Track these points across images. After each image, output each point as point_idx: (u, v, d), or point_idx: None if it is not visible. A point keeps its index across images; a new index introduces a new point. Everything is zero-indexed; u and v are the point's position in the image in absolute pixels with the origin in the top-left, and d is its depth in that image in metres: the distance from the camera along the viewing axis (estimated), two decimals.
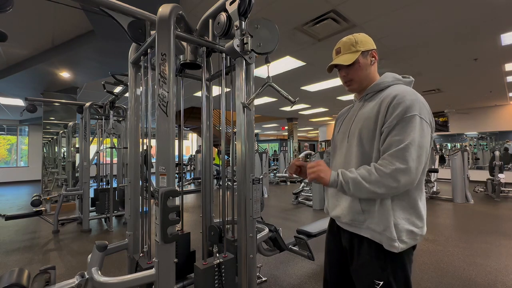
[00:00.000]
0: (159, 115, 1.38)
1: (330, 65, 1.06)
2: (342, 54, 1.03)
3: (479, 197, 6.03)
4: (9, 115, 9.42)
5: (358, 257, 0.97)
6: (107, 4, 1.54)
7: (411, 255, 0.95)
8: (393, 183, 0.83)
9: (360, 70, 1.02)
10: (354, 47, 1.02)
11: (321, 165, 0.93)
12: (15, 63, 4.54)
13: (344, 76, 1.05)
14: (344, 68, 1.04)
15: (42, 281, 1.35)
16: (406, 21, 3.23)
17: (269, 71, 1.35)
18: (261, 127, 16.85)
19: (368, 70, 1.03)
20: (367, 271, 0.94)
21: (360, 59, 1.01)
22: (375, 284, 0.91)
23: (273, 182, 9.13)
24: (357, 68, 1.02)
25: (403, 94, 0.90)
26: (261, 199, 1.62)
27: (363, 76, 1.03)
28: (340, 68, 1.06)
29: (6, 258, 2.90)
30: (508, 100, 8.25)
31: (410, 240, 0.90)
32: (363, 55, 1.02)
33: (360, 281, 0.97)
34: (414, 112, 0.86)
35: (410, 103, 0.87)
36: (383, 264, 0.91)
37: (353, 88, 1.07)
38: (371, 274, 0.93)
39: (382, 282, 0.90)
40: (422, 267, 2.53)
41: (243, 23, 1.30)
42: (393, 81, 1.00)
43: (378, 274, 0.91)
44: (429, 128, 0.88)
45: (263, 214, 1.82)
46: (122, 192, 4.35)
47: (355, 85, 1.05)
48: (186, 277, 1.92)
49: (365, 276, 0.94)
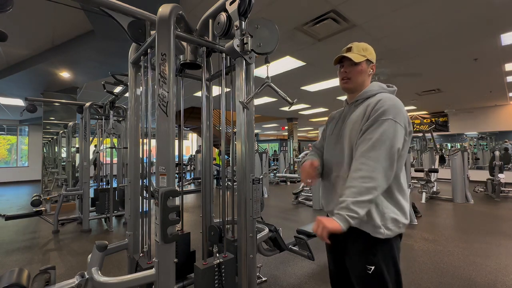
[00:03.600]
0: (159, 115, 1.38)
1: (340, 56, 1.14)
2: (352, 52, 1.12)
3: (479, 197, 6.03)
4: (9, 115, 9.42)
5: (352, 246, 1.07)
6: (107, 4, 1.54)
7: (398, 243, 1.07)
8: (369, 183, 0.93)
9: (360, 73, 1.13)
10: (364, 52, 1.13)
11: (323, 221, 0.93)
12: (15, 63, 4.54)
13: (345, 73, 1.14)
14: (347, 66, 1.13)
15: (42, 281, 1.35)
16: (406, 21, 3.23)
17: (268, 71, 1.35)
18: (261, 127, 16.84)
19: (365, 77, 1.14)
20: (359, 258, 1.04)
21: (364, 64, 1.13)
22: (367, 269, 1.00)
23: (273, 182, 9.13)
24: (359, 70, 1.12)
25: (384, 100, 1.02)
26: (261, 199, 1.62)
27: (360, 80, 1.13)
28: (344, 65, 1.15)
29: (6, 258, 2.90)
30: (508, 100, 8.25)
31: (395, 227, 1.01)
32: (367, 62, 1.14)
33: (354, 268, 1.07)
34: (389, 116, 0.98)
35: (388, 107, 1.00)
36: (373, 250, 1.01)
37: (347, 87, 1.15)
38: (363, 260, 1.02)
39: (373, 267, 1.00)
40: (422, 267, 2.53)
41: (243, 23, 1.30)
42: (379, 90, 1.11)
43: (370, 259, 1.01)
44: (403, 131, 0.99)
45: (263, 214, 1.82)
46: (122, 192, 4.35)
47: (351, 85, 1.14)
48: (186, 277, 1.92)
49: (357, 263, 1.04)
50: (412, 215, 4.03)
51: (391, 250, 1.03)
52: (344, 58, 1.13)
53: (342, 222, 0.91)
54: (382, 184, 0.94)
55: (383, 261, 1.01)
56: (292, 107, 8.83)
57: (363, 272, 1.02)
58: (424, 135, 9.33)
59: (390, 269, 1.02)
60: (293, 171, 10.39)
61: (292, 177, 8.74)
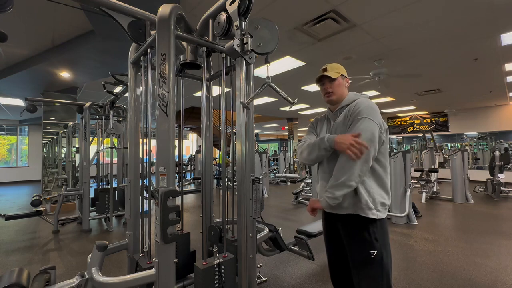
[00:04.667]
0: (159, 115, 1.38)
1: (320, 76, 1.38)
2: (328, 72, 1.36)
3: (479, 197, 6.03)
4: (9, 115, 9.42)
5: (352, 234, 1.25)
6: (107, 4, 1.54)
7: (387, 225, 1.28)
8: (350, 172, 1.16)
9: (339, 86, 1.36)
10: (337, 70, 1.37)
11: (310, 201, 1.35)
12: (15, 63, 4.54)
13: (327, 88, 1.37)
14: (327, 82, 1.37)
15: (42, 281, 1.35)
16: (406, 21, 3.22)
17: (268, 71, 1.36)
18: (261, 127, 16.84)
19: (343, 89, 1.38)
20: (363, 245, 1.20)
21: (340, 79, 1.37)
22: (370, 254, 1.18)
23: (273, 182, 9.13)
24: (337, 84, 1.36)
25: (359, 104, 1.26)
26: (261, 199, 1.62)
27: (340, 91, 1.37)
28: (324, 82, 1.38)
29: (6, 258, 2.90)
30: (508, 100, 8.25)
31: (383, 209, 1.23)
32: (342, 77, 1.38)
33: (356, 254, 1.23)
34: (363, 115, 1.20)
35: (362, 108, 1.22)
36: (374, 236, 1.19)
37: (331, 99, 1.37)
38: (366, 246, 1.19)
39: (375, 251, 1.18)
40: (422, 267, 2.52)
41: (243, 23, 1.30)
42: (355, 97, 1.34)
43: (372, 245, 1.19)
44: (377, 126, 1.20)
45: (263, 214, 1.82)
46: (122, 192, 4.35)
47: (334, 97, 1.36)
48: (186, 277, 1.92)
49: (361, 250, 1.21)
50: (412, 215, 4.03)
51: (386, 235, 1.24)
52: (323, 77, 1.37)
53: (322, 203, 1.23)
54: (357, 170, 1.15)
55: (383, 245, 1.20)
56: (292, 107, 8.84)
57: (367, 257, 1.18)
58: (424, 135, 9.33)
59: (388, 252, 1.22)
60: (293, 171, 10.39)
61: (292, 177, 8.73)
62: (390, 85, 5.77)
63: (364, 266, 1.19)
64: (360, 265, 1.21)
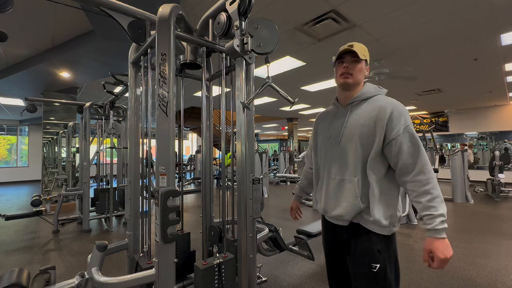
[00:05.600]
0: (159, 115, 1.38)
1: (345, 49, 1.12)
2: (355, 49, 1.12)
3: (479, 197, 6.03)
4: (9, 115, 9.42)
5: (356, 246, 1.10)
6: (107, 4, 1.54)
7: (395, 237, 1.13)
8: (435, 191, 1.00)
9: (360, 71, 1.15)
10: (364, 52, 1.15)
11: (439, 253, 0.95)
12: (15, 63, 4.54)
13: (347, 68, 1.14)
14: (349, 62, 1.14)
15: (42, 281, 1.35)
16: (406, 21, 3.22)
17: (268, 71, 1.35)
18: (261, 127, 16.84)
19: (362, 76, 1.16)
20: (364, 257, 1.07)
21: (363, 63, 1.16)
22: (372, 267, 1.04)
23: (273, 182, 9.13)
24: (360, 67, 1.14)
25: (397, 106, 1.06)
26: (261, 199, 1.62)
27: (359, 78, 1.15)
28: (345, 61, 1.15)
29: (6, 258, 2.90)
30: (508, 100, 8.25)
31: (398, 224, 1.10)
32: (365, 62, 1.17)
33: (358, 267, 1.09)
34: (408, 122, 1.04)
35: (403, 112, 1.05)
36: (378, 247, 1.05)
37: (346, 82, 1.14)
38: (368, 259, 1.06)
39: (378, 265, 1.04)
40: (422, 267, 2.52)
41: (243, 23, 1.30)
42: (376, 92, 1.15)
43: (375, 258, 1.05)
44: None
45: (263, 214, 1.82)
46: (122, 192, 4.35)
47: (351, 80, 1.14)
48: (186, 277, 1.92)
49: (362, 262, 1.07)
50: (412, 215, 4.03)
51: (393, 245, 1.09)
52: (347, 53, 1.12)
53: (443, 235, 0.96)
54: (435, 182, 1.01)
55: (388, 258, 1.06)
56: (292, 107, 8.83)
57: (368, 271, 1.05)
58: (424, 135, 9.32)
59: (392, 265, 1.07)
60: (293, 171, 10.39)
61: (292, 177, 8.73)
62: (396, 77, 5.73)
63: (364, 280, 1.06)
64: (359, 279, 1.08)
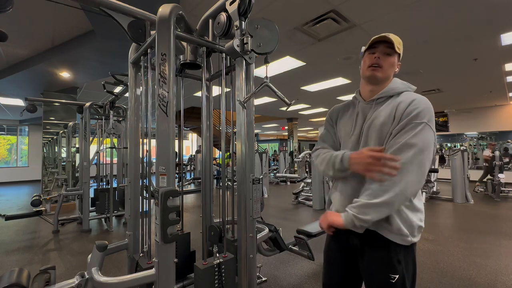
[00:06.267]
0: (159, 115, 1.38)
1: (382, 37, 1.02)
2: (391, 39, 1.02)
3: (479, 197, 6.02)
4: (9, 115, 9.42)
5: (373, 255, 0.99)
6: (107, 4, 1.54)
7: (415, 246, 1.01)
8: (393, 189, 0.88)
9: (392, 66, 1.05)
10: (399, 45, 1.05)
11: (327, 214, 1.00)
12: (15, 63, 4.54)
13: (377, 58, 1.03)
14: (381, 54, 1.03)
15: (42, 281, 1.35)
16: (406, 21, 3.22)
17: (267, 71, 1.35)
18: (261, 127, 16.84)
19: (393, 71, 1.07)
20: (382, 266, 0.97)
21: (397, 58, 1.06)
22: (391, 278, 0.95)
23: (273, 182, 9.13)
24: (392, 61, 1.04)
25: (418, 101, 0.95)
26: (261, 199, 1.62)
27: (390, 72, 1.05)
28: (376, 51, 1.04)
29: (6, 258, 2.90)
30: (508, 100, 8.25)
31: (419, 234, 0.98)
32: (398, 57, 1.07)
33: (374, 276, 0.99)
34: (424, 119, 0.91)
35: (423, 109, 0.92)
36: (398, 257, 0.96)
37: (377, 75, 1.03)
38: (386, 268, 0.96)
39: (397, 275, 0.94)
40: (422, 267, 2.52)
41: (243, 23, 1.30)
42: (404, 88, 1.04)
43: (394, 268, 0.95)
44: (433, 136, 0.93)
45: (263, 214, 1.82)
46: (122, 192, 4.35)
47: (380, 74, 1.03)
48: (186, 277, 1.92)
49: (380, 272, 0.97)
50: None
51: (413, 255, 1.00)
52: (381, 42, 1.01)
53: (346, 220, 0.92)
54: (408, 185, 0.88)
55: (406, 268, 0.97)
56: (292, 107, 8.83)
57: (386, 281, 0.96)
58: None
59: (410, 276, 0.98)
60: (293, 171, 10.39)
61: (292, 177, 8.73)
62: None
63: None
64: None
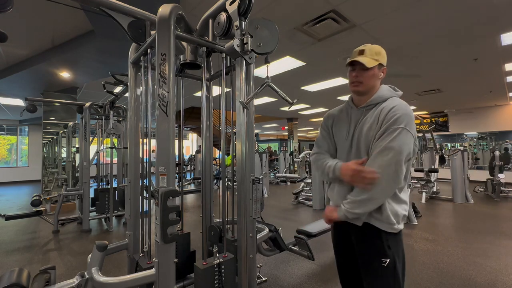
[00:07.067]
0: (159, 115, 1.38)
1: (352, 60, 1.12)
2: (365, 56, 1.11)
3: (479, 197, 6.02)
4: (9, 115, 9.42)
5: (366, 243, 1.13)
6: (107, 4, 1.54)
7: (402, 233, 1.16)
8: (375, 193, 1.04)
9: (371, 78, 1.12)
10: (376, 56, 1.12)
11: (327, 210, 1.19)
12: (15, 63, 4.54)
13: (356, 77, 1.13)
14: (359, 70, 1.12)
15: (42, 281, 1.36)
16: (406, 21, 3.22)
17: (268, 71, 1.35)
18: (261, 127, 16.84)
19: (376, 81, 1.15)
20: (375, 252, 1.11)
21: (376, 69, 1.13)
22: (382, 262, 1.08)
23: (273, 182, 9.13)
24: (370, 74, 1.12)
25: (397, 108, 1.06)
26: (261, 199, 1.62)
27: (371, 84, 1.13)
28: (355, 68, 1.14)
29: (6, 258, 2.90)
30: (508, 100, 8.25)
31: (403, 221, 1.13)
32: (379, 66, 1.14)
33: (368, 261, 1.13)
34: (401, 124, 1.03)
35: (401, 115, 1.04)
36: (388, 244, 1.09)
37: (357, 90, 1.15)
38: (378, 254, 1.10)
39: (388, 259, 1.08)
40: (422, 267, 2.52)
41: (243, 23, 1.30)
42: (390, 94, 1.15)
43: (385, 253, 1.09)
44: (412, 139, 1.05)
45: (263, 214, 1.82)
46: (122, 192, 4.35)
47: (361, 88, 1.14)
48: (186, 277, 1.92)
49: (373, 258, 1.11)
50: (412, 215, 4.03)
51: (401, 242, 1.13)
52: (356, 61, 1.11)
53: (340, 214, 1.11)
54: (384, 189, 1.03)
55: (396, 253, 1.10)
56: (292, 107, 8.83)
57: (378, 266, 1.09)
58: (424, 135, 9.32)
59: (400, 260, 1.11)
60: (293, 171, 10.39)
61: (292, 177, 8.74)
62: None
63: (375, 275, 1.12)
64: (371, 274, 1.13)
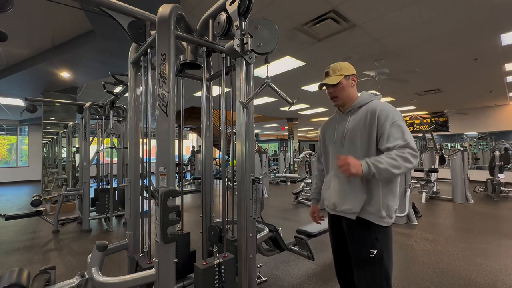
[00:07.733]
0: (159, 115, 1.38)
1: (320, 84, 1.36)
2: (330, 76, 1.33)
3: (479, 197, 6.02)
4: (9, 115, 9.42)
5: (357, 235, 1.25)
6: (107, 4, 1.54)
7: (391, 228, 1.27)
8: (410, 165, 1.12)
9: (343, 90, 1.32)
10: (340, 71, 1.32)
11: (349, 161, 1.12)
12: (15, 63, 4.54)
13: (331, 93, 1.35)
14: (331, 87, 1.34)
15: (42, 281, 1.35)
16: (406, 21, 3.23)
17: (268, 71, 1.36)
18: (261, 127, 16.83)
19: (349, 90, 1.33)
20: (364, 243, 1.22)
21: (343, 81, 1.32)
22: (370, 253, 1.20)
23: (273, 182, 9.13)
24: (340, 87, 1.32)
25: (385, 107, 1.23)
26: (261, 199, 1.62)
27: (346, 94, 1.33)
28: (328, 87, 1.35)
29: (6, 258, 2.90)
30: (508, 100, 8.25)
31: (394, 215, 1.24)
32: (345, 78, 1.32)
33: (358, 251, 1.24)
34: (396, 118, 1.19)
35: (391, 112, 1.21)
36: (376, 236, 1.20)
37: (337, 103, 1.36)
38: (366, 245, 1.21)
39: (375, 251, 1.19)
40: (422, 267, 2.52)
41: (243, 23, 1.30)
42: (370, 98, 1.32)
43: (373, 244, 1.20)
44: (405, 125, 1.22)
45: (263, 214, 1.82)
46: (122, 192, 4.35)
47: (339, 101, 1.35)
48: (186, 277, 1.92)
49: (361, 248, 1.23)
50: (412, 215, 4.03)
51: (390, 236, 1.24)
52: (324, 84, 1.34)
53: (366, 174, 1.11)
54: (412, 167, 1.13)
55: (385, 246, 1.21)
56: (292, 107, 8.84)
57: (367, 255, 1.20)
58: (424, 135, 9.32)
59: (388, 253, 1.22)
60: (293, 171, 10.40)
61: (292, 177, 8.74)
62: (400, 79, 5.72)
63: (364, 265, 1.22)
64: (360, 264, 1.23)
